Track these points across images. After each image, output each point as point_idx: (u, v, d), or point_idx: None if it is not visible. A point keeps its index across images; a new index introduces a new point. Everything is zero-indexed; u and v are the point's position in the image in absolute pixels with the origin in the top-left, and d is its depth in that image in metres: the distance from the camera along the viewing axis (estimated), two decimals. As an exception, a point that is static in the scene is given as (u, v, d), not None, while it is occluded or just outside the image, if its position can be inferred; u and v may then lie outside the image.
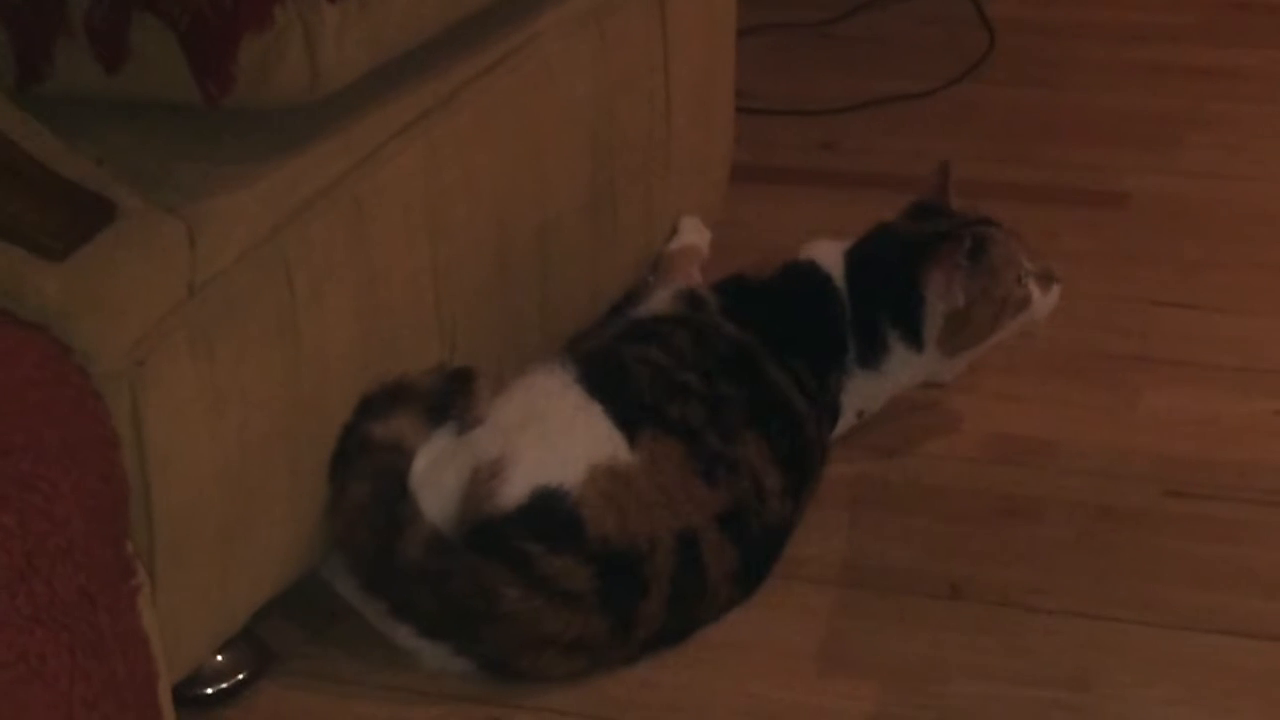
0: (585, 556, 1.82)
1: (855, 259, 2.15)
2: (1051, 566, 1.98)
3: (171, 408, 1.63)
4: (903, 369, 2.13)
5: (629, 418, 1.91)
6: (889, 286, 2.11)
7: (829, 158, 2.86)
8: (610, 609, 1.83)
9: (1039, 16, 3.27)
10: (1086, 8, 3.31)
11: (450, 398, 1.90)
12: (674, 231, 2.36)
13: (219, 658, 1.83)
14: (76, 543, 1.17)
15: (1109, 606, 1.92)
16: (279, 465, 1.77)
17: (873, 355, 2.11)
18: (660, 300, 2.15)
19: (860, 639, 1.90)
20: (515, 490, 1.84)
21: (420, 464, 1.86)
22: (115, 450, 1.30)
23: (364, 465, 1.84)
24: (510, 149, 2.01)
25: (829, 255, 2.15)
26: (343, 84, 1.70)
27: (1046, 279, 2.14)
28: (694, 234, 2.37)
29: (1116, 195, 2.70)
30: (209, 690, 1.83)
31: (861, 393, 2.13)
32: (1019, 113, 2.97)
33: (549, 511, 1.84)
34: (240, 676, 1.85)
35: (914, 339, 2.10)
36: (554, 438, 1.88)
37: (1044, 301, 2.13)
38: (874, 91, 3.00)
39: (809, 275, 2.14)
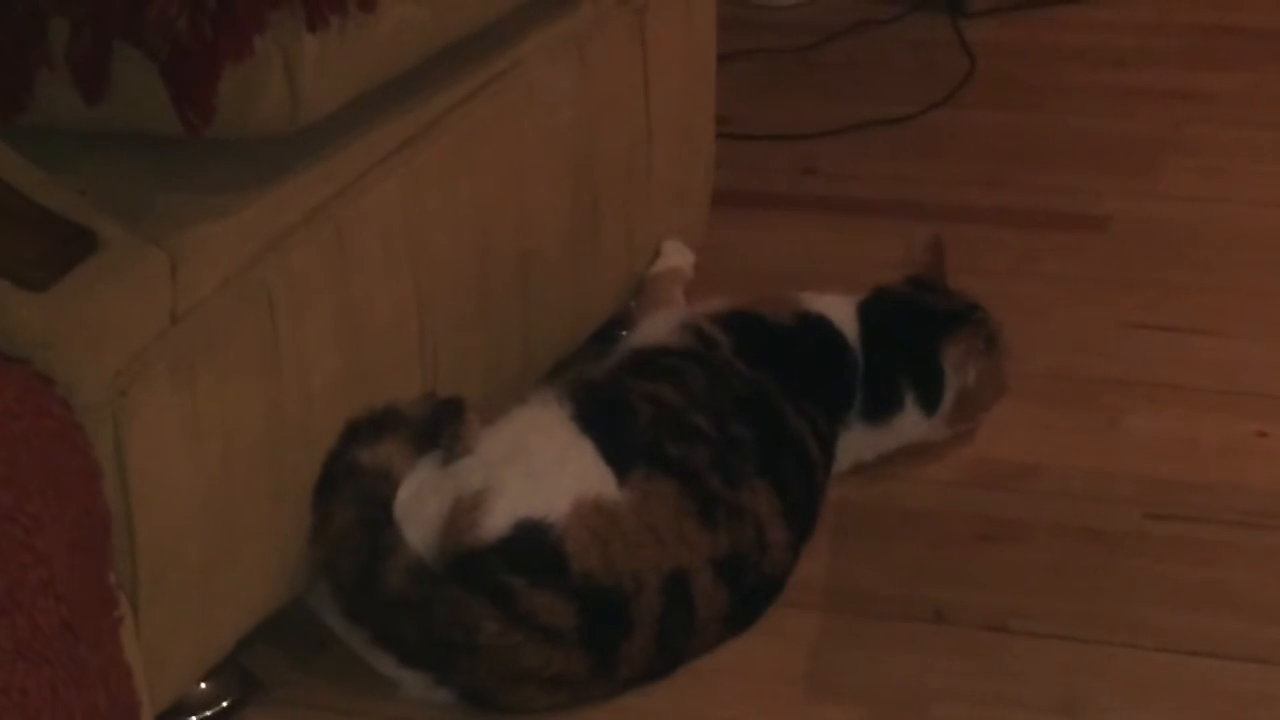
0: (568, 592, 1.81)
1: (871, 319, 2.17)
2: (1034, 590, 1.98)
3: (153, 437, 1.63)
4: (910, 428, 2.17)
5: (622, 455, 1.89)
6: (911, 353, 2.16)
7: (810, 182, 2.87)
8: (593, 647, 1.82)
9: (1019, 41, 3.28)
10: (1066, 32, 3.32)
11: (439, 427, 1.90)
12: (657, 254, 2.36)
13: (203, 686, 1.83)
14: (58, 575, 1.17)
15: (1092, 629, 1.92)
16: (261, 493, 1.77)
17: (885, 411, 2.15)
18: (664, 330, 2.15)
19: (844, 664, 1.90)
20: (497, 522, 1.83)
21: (404, 493, 1.86)
22: (97, 482, 1.30)
23: (350, 492, 1.83)
24: (491, 176, 2.01)
25: (839, 311, 2.18)
26: (323, 113, 1.70)
27: None
28: (677, 256, 2.37)
29: (1097, 219, 2.71)
30: (192, 719, 1.83)
31: (858, 447, 2.15)
32: (999, 137, 2.98)
33: (532, 544, 1.83)
34: (224, 704, 1.85)
35: (930, 405, 2.15)
36: (539, 472, 1.86)
37: None
38: (855, 116, 3.01)
39: (822, 328, 2.16)
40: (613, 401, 1.98)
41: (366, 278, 1.85)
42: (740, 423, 1.99)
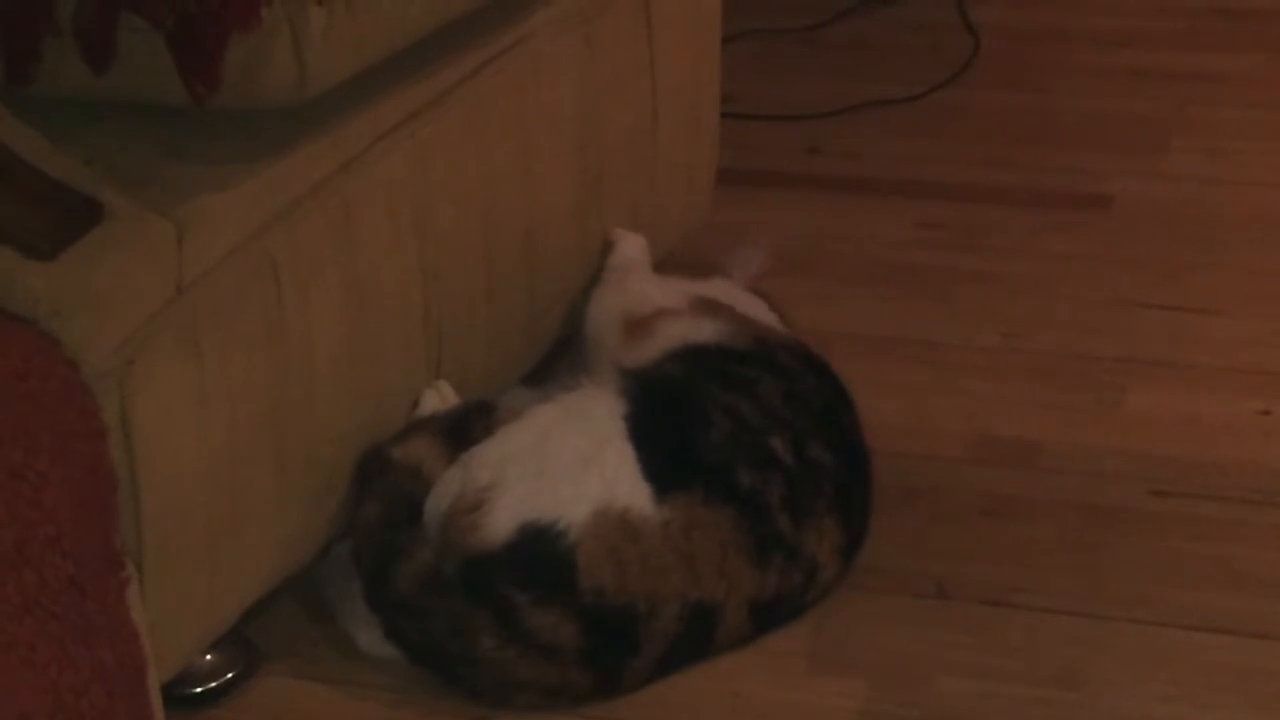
0: (574, 611, 1.75)
1: None
2: (1037, 565, 1.99)
3: (159, 407, 1.63)
4: None
5: (678, 469, 1.81)
6: None
7: (815, 162, 2.87)
8: (595, 665, 1.77)
9: (1023, 22, 3.28)
10: (1071, 13, 3.32)
11: (469, 424, 1.86)
12: (609, 245, 2.22)
13: (207, 657, 1.84)
14: (66, 532, 1.18)
15: (1095, 605, 1.92)
16: (266, 465, 1.77)
17: None
18: (717, 329, 2.00)
19: (848, 638, 1.90)
20: (500, 524, 1.77)
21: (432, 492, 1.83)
22: (103, 442, 1.31)
23: (379, 486, 1.83)
24: (497, 151, 2.01)
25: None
26: (330, 85, 1.70)
27: None
28: (633, 249, 2.23)
29: (1101, 198, 2.71)
30: (197, 689, 1.84)
31: None
32: (1004, 117, 2.98)
33: (538, 553, 1.76)
34: (229, 675, 1.85)
35: None
36: (557, 472, 1.78)
37: None
38: (859, 96, 3.01)
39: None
40: (688, 407, 1.86)
41: (372, 251, 1.85)
42: (820, 444, 1.90)
